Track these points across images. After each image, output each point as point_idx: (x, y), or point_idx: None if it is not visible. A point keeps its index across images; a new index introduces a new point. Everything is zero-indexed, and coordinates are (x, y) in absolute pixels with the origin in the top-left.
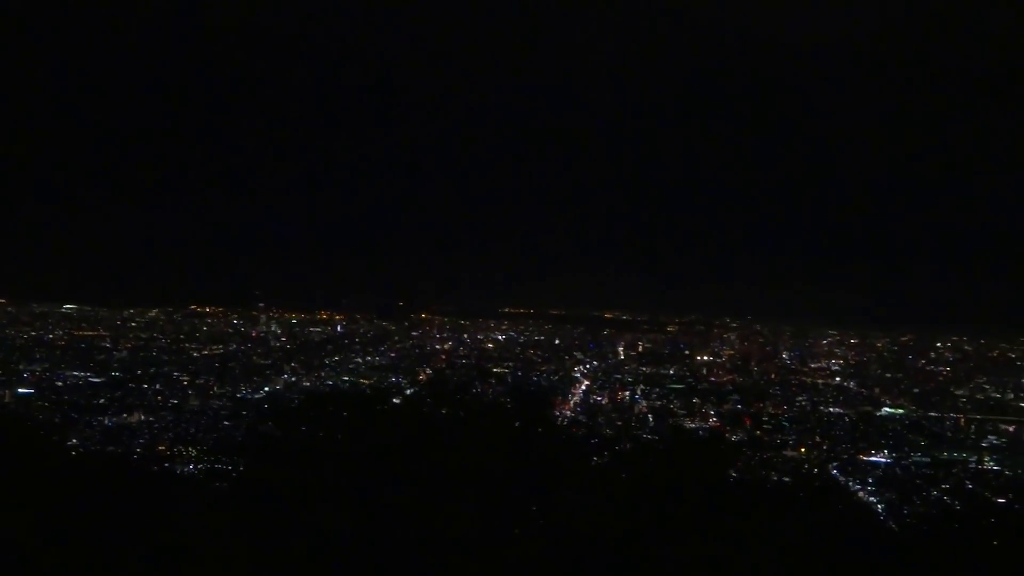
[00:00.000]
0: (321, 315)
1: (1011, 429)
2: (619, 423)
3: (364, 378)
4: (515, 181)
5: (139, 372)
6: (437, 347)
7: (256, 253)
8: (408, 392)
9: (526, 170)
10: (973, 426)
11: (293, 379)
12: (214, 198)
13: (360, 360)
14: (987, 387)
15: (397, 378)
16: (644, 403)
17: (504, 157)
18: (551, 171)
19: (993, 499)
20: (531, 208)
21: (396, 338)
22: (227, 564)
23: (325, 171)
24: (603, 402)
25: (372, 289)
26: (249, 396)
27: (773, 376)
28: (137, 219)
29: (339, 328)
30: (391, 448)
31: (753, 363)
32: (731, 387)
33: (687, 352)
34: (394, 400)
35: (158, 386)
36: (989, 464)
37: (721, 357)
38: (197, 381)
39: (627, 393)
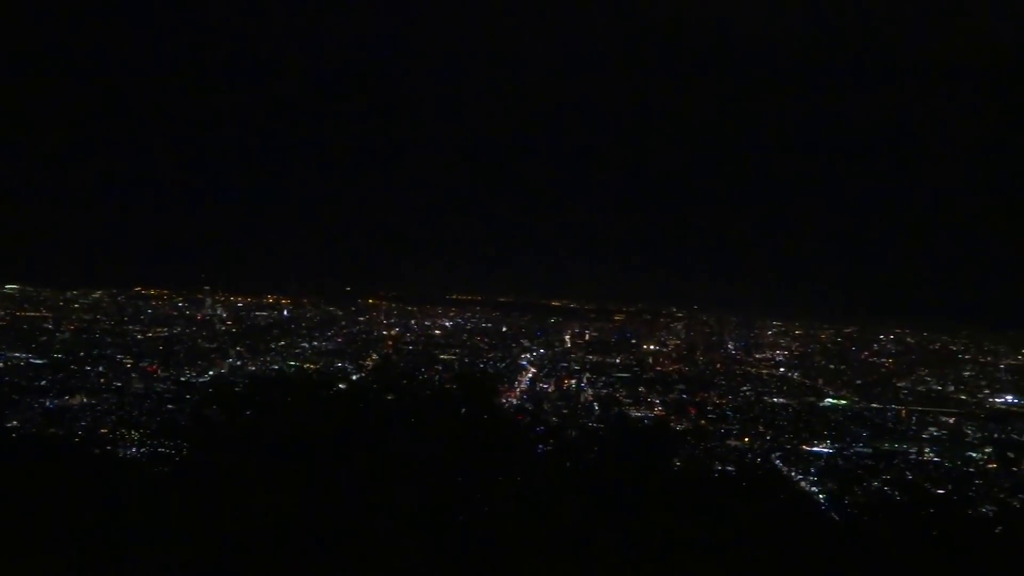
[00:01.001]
0: (267, 299)
1: (951, 421)
2: (565, 411)
3: (310, 363)
4: (464, 168)
5: (82, 354)
6: (384, 333)
7: (203, 235)
8: (354, 378)
9: (475, 158)
10: (914, 418)
11: (238, 363)
12: (160, 179)
13: (306, 345)
14: (929, 379)
15: (343, 363)
16: (590, 391)
17: (455, 145)
18: (500, 159)
19: (933, 490)
20: (480, 195)
21: (343, 323)
22: (170, 548)
23: (273, 154)
24: (549, 390)
25: (321, 273)
26: (194, 380)
27: (718, 366)
28: (82, 199)
29: (285, 312)
30: (336, 434)
31: (699, 353)
32: (677, 376)
33: (633, 341)
34: (340, 386)
35: (101, 368)
36: (930, 456)
37: (667, 346)
38: (141, 364)
39: (573, 381)
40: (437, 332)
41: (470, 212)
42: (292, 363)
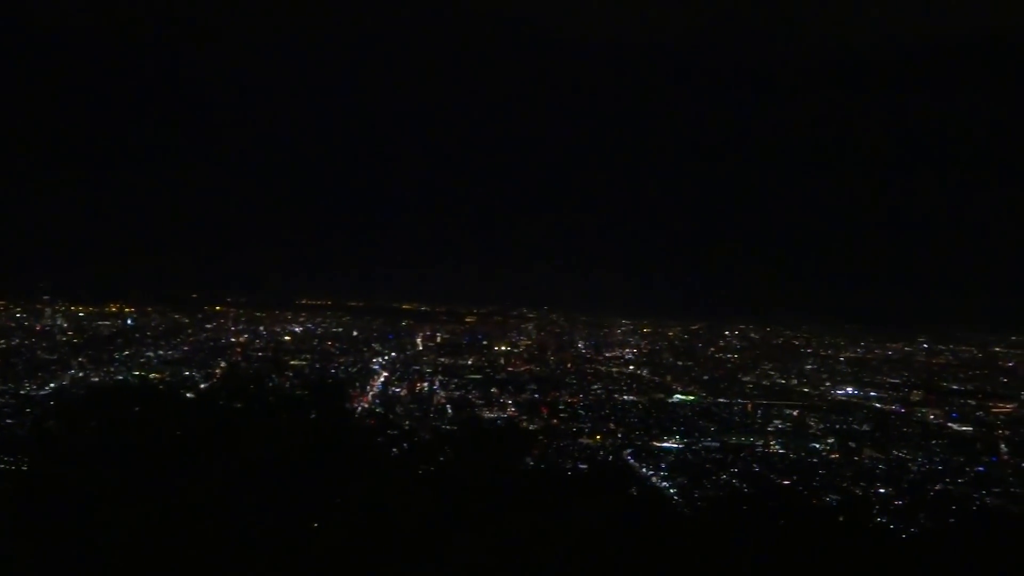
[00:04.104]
0: (110, 308)
1: (795, 414)
2: (418, 414)
3: (156, 372)
4: (310, 171)
5: None
6: (232, 340)
7: (41, 242)
8: (202, 386)
9: (321, 160)
10: (760, 411)
11: (80, 374)
12: None
13: (152, 354)
14: (772, 373)
15: (191, 372)
16: (443, 394)
17: (299, 147)
18: (347, 161)
19: (779, 481)
20: (327, 198)
21: (189, 331)
22: (10, 567)
23: (113, 156)
24: (402, 393)
25: (166, 280)
26: (33, 392)
27: (569, 365)
28: None
29: (129, 321)
30: (184, 444)
31: (549, 353)
32: (528, 376)
33: (485, 343)
34: (187, 395)
35: None
36: (775, 448)
37: (519, 347)
38: None
39: (426, 384)
40: (287, 338)
41: (319, 216)
42: (137, 373)
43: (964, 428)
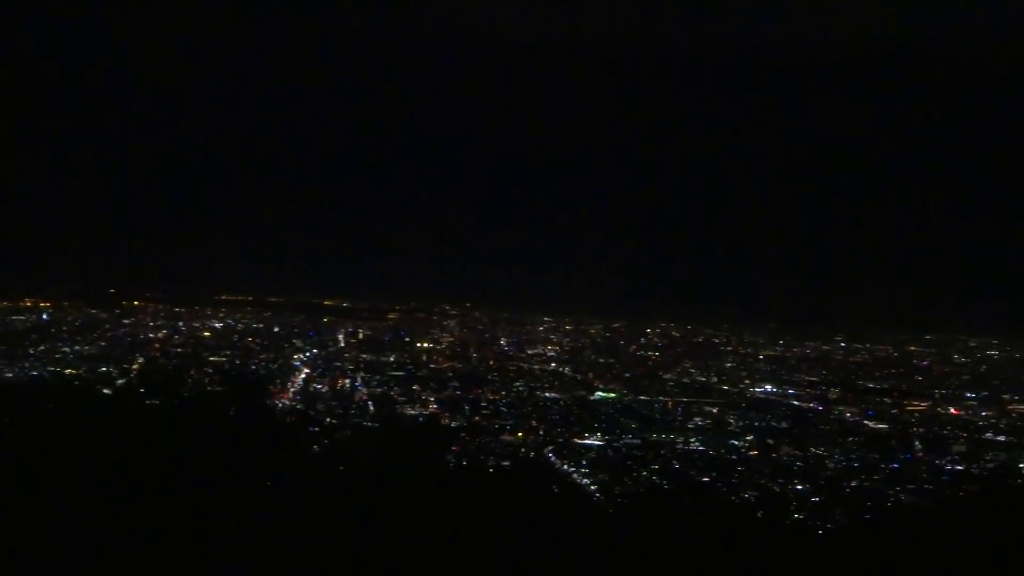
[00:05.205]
0: (25, 302)
1: (715, 411)
2: (339, 411)
3: (72, 368)
4: (232, 164)
5: None
6: (150, 335)
7: None
8: (119, 382)
9: (243, 153)
10: (680, 409)
11: None
12: None
13: (68, 349)
14: (693, 371)
15: (108, 368)
16: (364, 390)
17: (219, 139)
18: (266, 154)
19: (699, 478)
20: (248, 192)
21: (107, 326)
22: None
23: (28, 148)
24: (323, 390)
25: (82, 274)
26: None
27: (491, 362)
28: None
29: (45, 316)
30: (101, 440)
31: (472, 350)
32: (451, 373)
33: (407, 339)
34: (104, 391)
35: None
36: (695, 445)
37: (441, 344)
38: None
39: (347, 381)
40: (206, 334)
41: (239, 209)
42: (52, 368)
43: (880, 426)
